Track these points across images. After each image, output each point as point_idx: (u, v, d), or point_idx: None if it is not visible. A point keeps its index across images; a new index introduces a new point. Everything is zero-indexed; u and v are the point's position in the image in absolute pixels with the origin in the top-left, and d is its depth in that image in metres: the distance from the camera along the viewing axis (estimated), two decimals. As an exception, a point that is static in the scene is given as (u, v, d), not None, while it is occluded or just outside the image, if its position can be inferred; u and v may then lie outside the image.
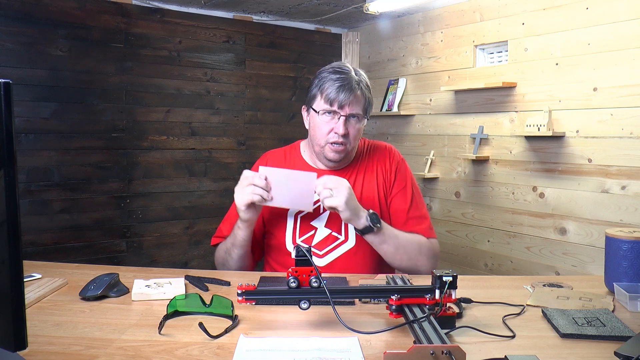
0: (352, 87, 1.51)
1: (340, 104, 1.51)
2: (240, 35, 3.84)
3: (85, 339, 1.01)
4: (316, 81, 1.57)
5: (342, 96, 1.50)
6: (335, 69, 1.56)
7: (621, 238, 1.32)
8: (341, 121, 1.52)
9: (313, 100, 1.57)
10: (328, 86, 1.52)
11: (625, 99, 2.53)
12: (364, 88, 1.55)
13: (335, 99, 1.51)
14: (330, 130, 1.54)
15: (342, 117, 1.52)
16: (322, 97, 1.53)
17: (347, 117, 1.52)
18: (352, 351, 0.97)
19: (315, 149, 1.60)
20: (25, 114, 3.06)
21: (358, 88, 1.53)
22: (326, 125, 1.54)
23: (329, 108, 1.52)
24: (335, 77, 1.52)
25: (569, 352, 0.99)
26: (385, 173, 1.65)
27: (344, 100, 1.51)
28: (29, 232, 3.05)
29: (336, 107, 1.52)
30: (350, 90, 1.51)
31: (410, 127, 3.80)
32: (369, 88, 1.59)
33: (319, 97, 1.54)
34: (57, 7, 3.14)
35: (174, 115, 3.59)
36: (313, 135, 1.59)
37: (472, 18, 3.30)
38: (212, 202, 3.77)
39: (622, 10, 2.52)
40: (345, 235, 1.58)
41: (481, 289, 1.38)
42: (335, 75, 1.53)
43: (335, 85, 1.51)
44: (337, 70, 1.55)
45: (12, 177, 0.77)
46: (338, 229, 1.58)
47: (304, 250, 1.08)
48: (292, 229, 1.59)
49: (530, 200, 3.00)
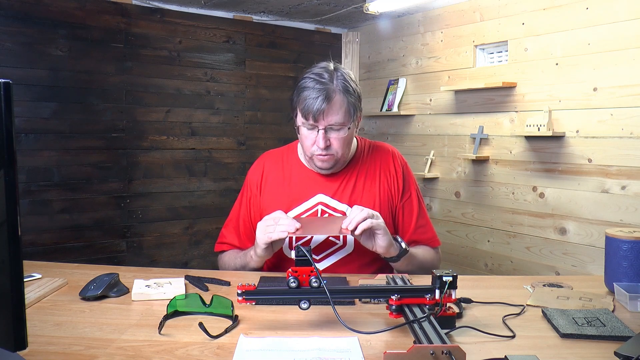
0: (327, 97, 1.43)
1: (314, 117, 1.44)
2: (240, 35, 3.84)
3: (85, 339, 1.01)
4: (296, 90, 1.51)
5: (315, 109, 1.43)
6: (312, 76, 1.47)
7: (621, 238, 1.32)
8: (320, 134, 1.47)
9: (294, 111, 1.54)
10: (303, 98, 1.46)
11: (625, 99, 2.53)
12: (343, 93, 1.46)
13: (309, 113, 1.44)
14: (313, 143, 1.51)
15: (321, 130, 1.47)
16: (300, 110, 1.49)
17: (325, 129, 1.47)
18: (352, 351, 0.97)
19: (307, 157, 1.58)
20: (25, 114, 3.06)
21: (335, 95, 1.45)
22: (308, 139, 1.51)
23: (306, 122, 1.48)
24: (310, 86, 1.45)
25: (569, 352, 0.99)
26: (391, 179, 1.63)
27: (318, 113, 1.43)
28: (29, 232, 3.05)
29: (311, 121, 1.45)
30: (324, 101, 1.43)
31: (410, 127, 3.80)
32: (352, 89, 1.49)
33: (298, 109, 1.50)
34: (57, 7, 3.14)
35: (174, 115, 3.59)
36: (302, 145, 1.57)
37: (472, 18, 3.30)
38: (212, 202, 3.77)
39: (622, 10, 2.52)
40: (343, 241, 1.56)
41: (481, 289, 1.38)
42: (311, 84, 1.46)
43: (310, 97, 1.44)
44: (313, 79, 1.46)
45: (12, 177, 0.77)
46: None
47: (304, 251, 1.09)
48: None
49: (530, 200, 3.00)
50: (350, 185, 1.60)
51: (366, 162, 1.64)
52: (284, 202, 1.58)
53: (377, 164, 1.64)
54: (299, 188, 1.61)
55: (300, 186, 1.61)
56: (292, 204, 1.58)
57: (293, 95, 1.52)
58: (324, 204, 1.58)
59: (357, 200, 1.58)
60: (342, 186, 1.60)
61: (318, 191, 1.59)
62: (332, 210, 1.57)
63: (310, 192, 1.60)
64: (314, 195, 1.59)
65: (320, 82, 1.45)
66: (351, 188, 1.60)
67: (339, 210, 1.57)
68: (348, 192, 1.59)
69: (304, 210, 1.58)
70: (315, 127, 1.48)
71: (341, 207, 1.58)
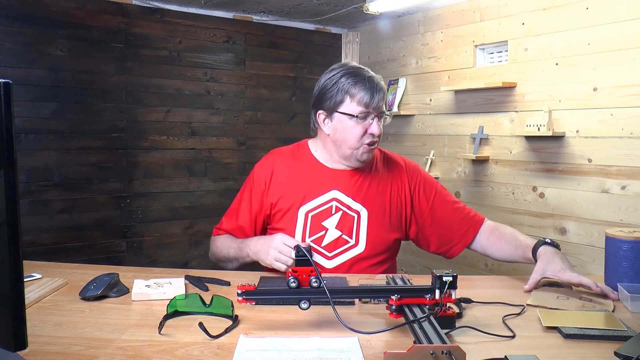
0: (381, 86, 1.54)
1: (375, 105, 1.52)
2: (240, 35, 3.84)
3: (85, 339, 1.01)
4: (337, 86, 1.55)
5: (377, 97, 1.52)
6: (354, 71, 1.56)
7: (621, 238, 1.32)
8: (375, 121, 1.53)
9: (339, 104, 1.55)
10: (359, 89, 1.52)
11: (625, 99, 2.53)
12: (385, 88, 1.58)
13: (370, 101, 1.51)
14: (364, 132, 1.53)
15: (375, 117, 1.53)
16: (355, 100, 1.52)
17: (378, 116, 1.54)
18: (352, 351, 0.97)
19: (346, 152, 1.57)
20: (25, 114, 3.06)
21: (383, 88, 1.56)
22: (360, 128, 1.53)
23: (365, 110, 1.52)
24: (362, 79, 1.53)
25: (569, 352, 0.99)
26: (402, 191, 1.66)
27: (380, 101, 1.53)
28: (29, 232, 3.05)
29: (371, 109, 1.52)
30: (381, 90, 1.53)
31: (410, 127, 3.80)
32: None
33: (349, 100, 1.53)
34: (57, 7, 3.14)
35: (174, 115, 3.59)
36: (343, 139, 1.56)
37: (472, 18, 3.30)
38: (212, 202, 3.77)
39: (622, 10, 2.52)
40: (355, 240, 1.57)
41: (481, 289, 1.38)
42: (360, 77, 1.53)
43: (366, 87, 1.52)
44: (358, 72, 1.55)
45: (12, 177, 0.77)
46: (349, 232, 1.57)
47: (304, 251, 1.09)
48: (302, 228, 1.58)
49: (530, 200, 3.00)
50: (364, 186, 1.61)
51: (380, 169, 1.67)
52: (298, 195, 1.59)
53: (389, 172, 1.67)
54: (314, 182, 1.61)
55: (314, 180, 1.61)
56: (307, 197, 1.59)
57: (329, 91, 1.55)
58: (338, 201, 1.59)
59: (370, 201, 1.59)
60: (356, 185, 1.61)
61: (333, 187, 1.60)
62: (346, 208, 1.58)
63: (325, 187, 1.60)
64: (328, 191, 1.60)
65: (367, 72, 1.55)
66: (365, 189, 1.61)
67: (353, 209, 1.58)
68: (362, 192, 1.60)
69: (319, 204, 1.58)
70: (368, 114, 1.53)
71: (355, 206, 1.58)
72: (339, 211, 1.57)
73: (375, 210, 1.59)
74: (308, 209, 1.58)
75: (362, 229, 1.57)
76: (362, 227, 1.57)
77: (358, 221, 1.57)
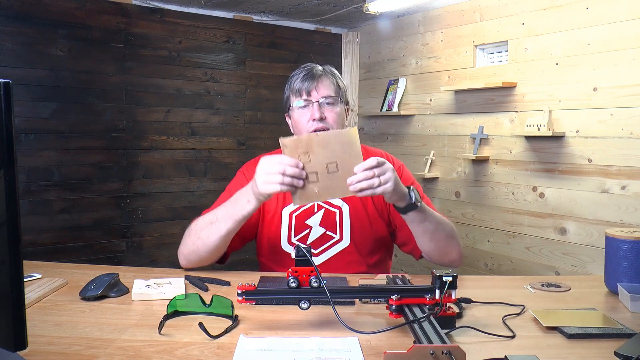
0: (315, 74, 1.58)
1: (307, 91, 1.56)
2: (240, 35, 3.84)
3: (85, 339, 1.01)
4: (286, 87, 1.65)
5: (307, 84, 1.56)
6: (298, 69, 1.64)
7: (621, 238, 1.32)
8: (315, 106, 1.55)
9: (287, 101, 1.63)
10: (294, 81, 1.60)
11: (625, 99, 2.53)
12: (329, 73, 1.60)
13: (301, 88, 1.57)
14: (308, 119, 1.56)
15: (315, 103, 1.55)
16: (294, 93, 1.59)
17: (319, 102, 1.56)
18: (352, 351, 0.97)
19: None
20: (25, 114, 3.06)
21: (323, 74, 1.59)
22: (304, 117, 1.57)
23: (300, 98, 1.57)
24: (299, 72, 1.61)
25: (569, 352, 0.99)
26: None
27: (311, 87, 1.56)
28: (29, 232, 3.05)
29: (305, 96, 1.56)
30: (314, 77, 1.57)
31: (410, 127, 3.80)
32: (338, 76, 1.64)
33: (292, 96, 1.60)
34: (57, 7, 3.14)
35: (174, 115, 3.59)
36: (297, 132, 1.61)
37: (472, 18, 3.30)
38: (212, 202, 3.71)
39: (622, 10, 2.52)
40: (340, 235, 1.58)
41: (481, 289, 1.38)
42: (299, 71, 1.62)
43: (300, 75, 1.59)
44: (301, 69, 1.63)
45: (12, 177, 0.77)
46: (332, 228, 1.59)
47: (304, 251, 1.08)
48: (287, 229, 1.59)
49: (530, 200, 3.00)
50: None
51: None
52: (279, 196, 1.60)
53: None
54: None
55: None
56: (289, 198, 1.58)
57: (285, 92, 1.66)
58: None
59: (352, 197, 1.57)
60: None
61: None
62: (327, 205, 1.61)
63: None
64: None
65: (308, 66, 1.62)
66: None
67: (335, 205, 1.61)
68: None
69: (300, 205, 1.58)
70: (309, 101, 1.57)
71: (337, 202, 1.61)
72: (321, 209, 1.60)
73: (356, 205, 1.60)
74: (291, 209, 1.60)
75: (344, 223, 1.59)
76: (345, 222, 1.59)
77: (340, 216, 1.59)
